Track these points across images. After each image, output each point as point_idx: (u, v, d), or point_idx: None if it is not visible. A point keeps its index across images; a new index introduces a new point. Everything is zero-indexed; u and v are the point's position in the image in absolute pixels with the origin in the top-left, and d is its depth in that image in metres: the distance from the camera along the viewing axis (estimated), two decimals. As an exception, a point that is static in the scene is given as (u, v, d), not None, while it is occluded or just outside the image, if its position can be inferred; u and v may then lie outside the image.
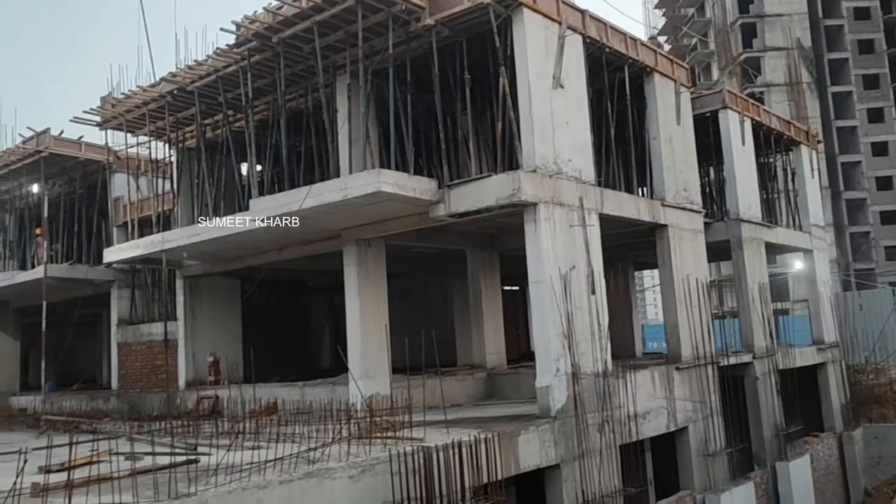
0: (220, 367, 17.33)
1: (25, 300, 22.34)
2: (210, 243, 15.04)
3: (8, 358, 23.73)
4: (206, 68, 14.60)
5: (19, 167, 20.42)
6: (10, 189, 22.12)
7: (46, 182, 20.89)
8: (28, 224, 22.35)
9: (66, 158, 20.41)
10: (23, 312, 23.80)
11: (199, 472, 6.92)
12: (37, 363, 23.82)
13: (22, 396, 21.75)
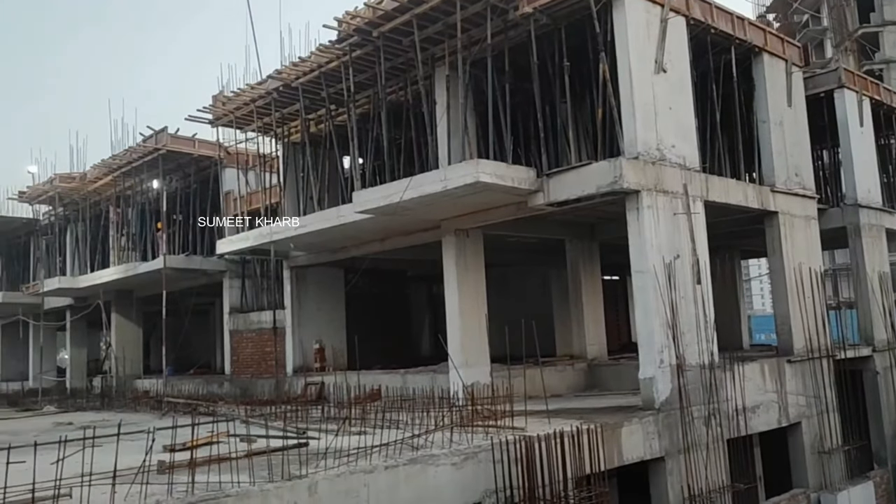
0: (325, 354, 17.89)
1: (146, 289, 23.78)
2: (315, 234, 15.55)
3: (132, 343, 25.33)
4: (310, 65, 15.05)
5: (140, 164, 21.71)
6: (132, 185, 23.54)
7: (164, 178, 22.11)
8: (149, 218, 23.70)
9: (181, 155, 21.54)
10: (144, 301, 25.34)
11: (309, 455, 7.20)
12: (157, 349, 25.39)
13: (145, 379, 23.17)
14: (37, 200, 27.78)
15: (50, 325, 28.75)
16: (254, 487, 6.20)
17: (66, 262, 27.48)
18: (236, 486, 6.18)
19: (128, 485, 6.00)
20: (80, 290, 25.07)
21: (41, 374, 28.01)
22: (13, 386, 27.10)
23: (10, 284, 31.49)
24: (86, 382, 26.10)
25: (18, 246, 32.30)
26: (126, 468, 6.16)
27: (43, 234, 29.59)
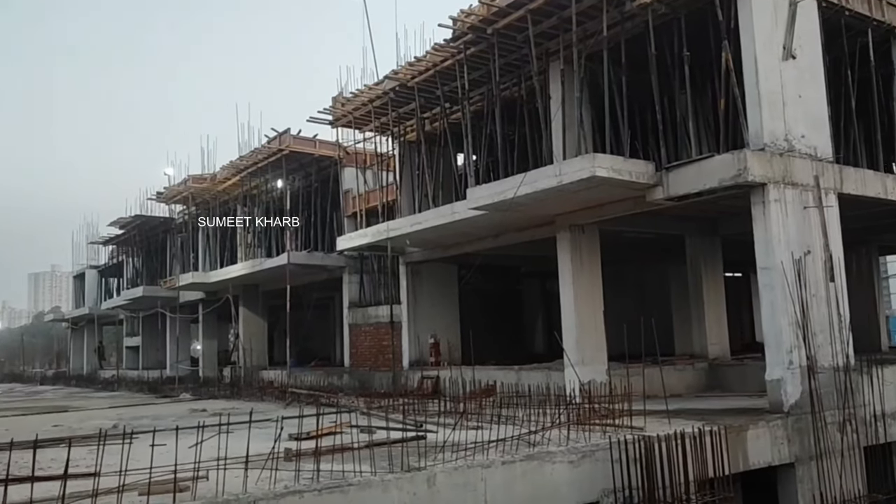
0: (440, 349, 18.15)
1: (271, 284, 24.92)
2: (430, 231, 15.79)
3: (258, 336, 26.64)
4: (425, 64, 15.29)
5: (265, 165, 22.77)
6: (258, 184, 24.73)
7: (287, 177, 23.10)
8: (273, 216, 24.82)
9: (303, 155, 22.43)
10: (269, 295, 26.57)
11: (427, 447, 7.35)
12: (280, 341, 26.52)
13: (270, 371, 24.29)
14: (172, 200, 29.72)
15: (185, 317, 30.68)
16: (375, 477, 6.39)
17: (199, 258, 29.23)
18: (358, 476, 6.39)
19: (258, 470, 6.32)
20: (210, 284, 26.60)
21: (177, 363, 29.96)
22: (153, 374, 29.07)
23: (149, 279, 33.82)
24: (217, 372, 27.67)
25: (156, 243, 34.63)
26: (256, 454, 6.49)
27: (178, 231, 31.59)
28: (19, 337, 74.67)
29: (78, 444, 6.14)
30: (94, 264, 43.88)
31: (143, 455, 6.11)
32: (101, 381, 31.83)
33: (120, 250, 39.51)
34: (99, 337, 43.21)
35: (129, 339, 39.89)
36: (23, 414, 16.81)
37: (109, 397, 22.34)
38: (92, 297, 42.99)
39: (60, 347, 55.25)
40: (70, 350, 48.40)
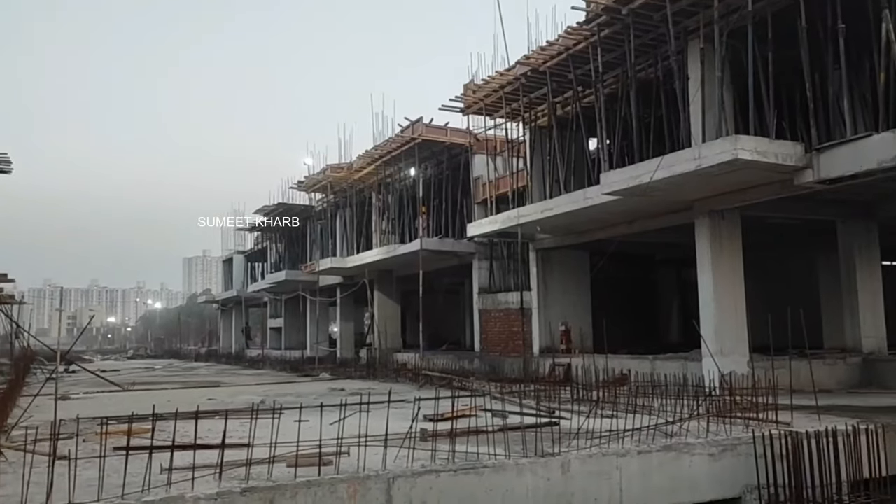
0: (570, 337, 17.99)
1: (404, 270, 25.56)
2: (561, 217, 15.65)
3: (392, 319, 27.43)
4: (557, 48, 15.12)
5: (399, 153, 23.33)
6: (391, 173, 25.39)
7: (420, 165, 23.56)
8: (406, 203, 25.42)
9: (434, 143, 22.79)
10: (402, 280, 27.28)
11: (561, 434, 7.35)
12: (413, 325, 27.19)
13: (403, 353, 24.98)
14: (312, 189, 31.07)
15: (324, 300, 32.05)
16: (509, 461, 6.47)
17: (336, 244, 30.44)
18: (493, 458, 6.49)
19: (396, 448, 6.55)
20: (347, 269, 27.65)
21: (317, 344, 31.38)
22: (295, 354, 30.62)
23: (291, 264, 35.59)
24: (353, 353, 28.77)
25: (297, 230, 36.34)
26: (393, 433, 6.73)
27: (317, 219, 33.01)
28: (176, 316, 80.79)
29: (232, 417, 6.60)
30: (241, 250, 46.71)
31: (289, 429, 6.49)
32: (247, 360, 33.91)
33: (264, 237, 41.81)
34: (245, 318, 45.98)
35: (273, 321, 42.18)
36: (181, 387, 18.23)
37: (255, 375, 23.76)
38: (239, 281, 45.80)
39: (211, 327, 59.28)
40: (220, 329, 51.84)
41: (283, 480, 5.75)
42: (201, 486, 5.55)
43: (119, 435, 7.18)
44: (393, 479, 5.96)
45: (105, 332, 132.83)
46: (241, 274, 46.08)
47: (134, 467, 5.71)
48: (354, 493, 5.80)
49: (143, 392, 16.59)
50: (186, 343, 66.36)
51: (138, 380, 21.22)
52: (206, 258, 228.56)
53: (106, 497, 5.22)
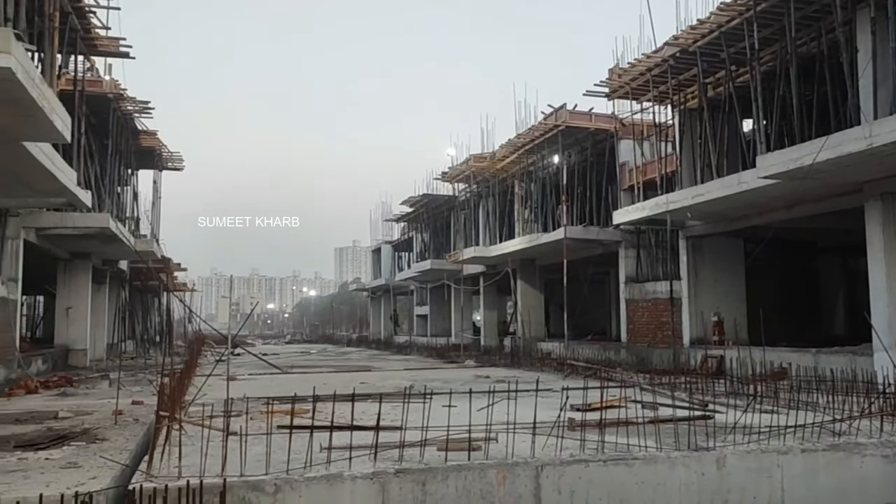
0: (723, 328, 17.22)
1: (547, 258, 25.43)
2: (714, 203, 14.98)
3: (535, 308, 27.38)
4: (709, 26, 14.45)
5: (541, 141, 23.19)
6: (534, 161, 25.29)
7: (563, 153, 23.30)
8: (549, 192, 25.25)
9: (578, 130, 22.45)
10: (545, 269, 27.16)
11: (715, 428, 7.07)
12: (556, 314, 27.04)
13: (547, 342, 24.89)
14: (455, 179, 31.54)
15: (467, 289, 32.51)
16: (661, 454, 6.30)
17: (480, 234, 30.75)
18: (643, 451, 6.36)
19: (544, 437, 6.56)
20: (490, 258, 27.88)
21: (461, 331, 31.91)
22: (440, 341, 31.31)
23: (435, 253, 36.36)
24: (497, 341, 28.99)
25: (442, 220, 37.06)
26: (540, 422, 6.74)
27: (461, 208, 33.48)
28: (329, 304, 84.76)
29: (385, 401, 6.86)
30: (389, 240, 48.26)
31: (438, 414, 6.65)
32: (395, 346, 35.05)
33: (410, 227, 42.97)
34: (393, 305, 47.50)
35: (419, 308, 43.31)
36: (335, 371, 19.14)
37: (403, 360, 24.52)
38: (387, 270, 47.37)
39: (362, 314, 61.70)
40: (370, 316, 53.88)
41: (434, 463, 5.92)
42: (358, 465, 5.83)
43: (282, 414, 7.67)
44: (542, 467, 5.98)
45: (265, 318, 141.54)
46: (389, 263, 47.61)
47: (296, 445, 6.07)
48: (503, 478, 5.88)
49: (301, 375, 17.57)
50: (339, 329, 69.45)
51: (296, 363, 22.49)
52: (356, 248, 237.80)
53: (273, 471, 5.59)
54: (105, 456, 6.28)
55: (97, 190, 19.19)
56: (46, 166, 10.33)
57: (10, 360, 14.91)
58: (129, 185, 25.44)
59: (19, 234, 15.44)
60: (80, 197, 13.36)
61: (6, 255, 14.79)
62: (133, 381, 14.89)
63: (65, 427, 8.10)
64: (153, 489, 5.03)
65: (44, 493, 4.76)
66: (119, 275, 26.46)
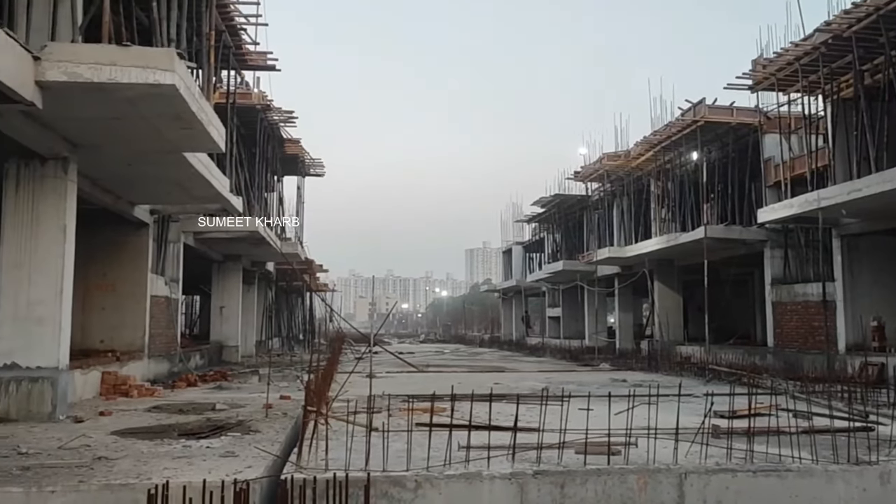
0: (884, 333, 15.94)
1: (686, 259, 24.53)
2: (872, 199, 13.93)
3: (673, 311, 26.47)
4: (865, 9, 13.49)
5: (679, 137, 22.41)
6: (671, 158, 24.48)
7: (702, 149, 22.41)
8: (688, 190, 24.33)
9: (718, 125, 21.52)
10: (684, 270, 26.20)
11: (878, 440, 6.56)
12: (696, 317, 26.01)
13: (686, 346, 23.99)
14: (588, 179, 31.08)
15: (601, 290, 31.93)
16: (817, 466, 5.93)
17: (614, 234, 30.12)
18: (797, 462, 6.01)
19: (687, 443, 6.34)
20: (625, 259, 27.23)
21: (595, 334, 31.37)
22: (573, 343, 30.91)
23: (567, 254, 35.95)
24: (633, 344, 28.26)
25: (574, 220, 36.62)
26: (682, 428, 6.51)
27: (594, 208, 32.94)
28: (461, 304, 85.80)
29: (522, 402, 6.87)
30: (519, 241, 48.22)
31: (575, 416, 6.58)
32: (528, 347, 34.94)
33: (541, 227, 42.74)
34: (524, 307, 47.40)
35: (551, 310, 42.98)
36: (468, 371, 19.36)
37: (536, 362, 24.41)
38: (518, 271, 47.34)
39: (493, 315, 61.96)
40: (501, 317, 54.04)
41: (572, 466, 5.87)
42: (496, 465, 5.87)
43: (420, 412, 7.85)
44: (685, 475, 5.79)
45: (399, 317, 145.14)
46: (520, 264, 47.56)
47: (435, 442, 6.20)
48: (644, 484, 5.74)
49: (436, 374, 17.90)
50: (470, 329, 70.12)
51: (431, 362, 22.93)
52: (486, 249, 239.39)
53: (413, 468, 5.73)
54: (258, 447, 6.68)
55: (247, 196, 20.40)
56: (204, 175, 11.10)
57: (172, 354, 16.14)
58: (275, 191, 26.88)
59: (179, 238, 16.69)
60: (233, 203, 14.25)
61: (168, 258, 16.03)
62: (280, 376, 15.72)
63: (221, 418, 8.68)
64: (303, 480, 5.30)
65: (206, 479, 5.13)
66: (266, 276, 28.02)
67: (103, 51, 7.15)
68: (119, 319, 13.62)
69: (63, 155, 8.84)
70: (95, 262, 13.24)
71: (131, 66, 6.96)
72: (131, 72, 6.96)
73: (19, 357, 8.53)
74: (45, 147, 8.60)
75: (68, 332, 9.03)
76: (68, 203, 8.93)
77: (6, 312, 8.60)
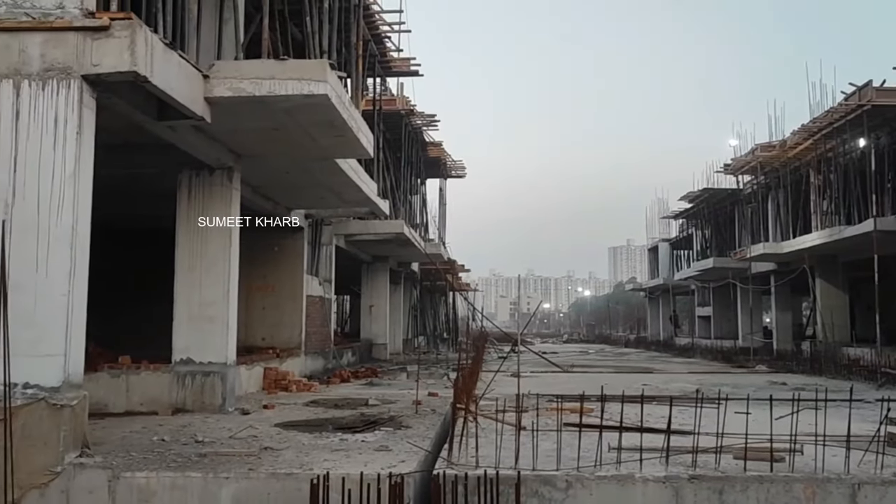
0: None
1: (851, 254, 22.78)
2: None
3: (838, 309, 24.62)
4: None
5: (842, 124, 20.84)
6: (832, 147, 22.79)
7: (869, 135, 20.71)
8: (853, 180, 22.56)
9: (888, 108, 19.82)
10: (849, 266, 24.33)
11: None
12: (865, 316, 24.09)
13: (854, 348, 22.25)
14: (739, 171, 29.56)
15: (756, 288, 30.24)
16: None
17: (769, 229, 28.45)
18: None
19: (859, 451, 5.91)
20: (782, 255, 25.65)
21: (750, 334, 29.76)
22: (725, 344, 29.50)
23: (717, 250, 34.36)
24: (792, 346, 26.57)
25: (724, 215, 34.93)
26: (854, 435, 6.06)
27: (746, 202, 31.27)
28: (604, 303, 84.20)
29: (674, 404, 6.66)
30: (666, 237, 46.61)
31: (731, 420, 6.29)
32: (676, 348, 33.72)
33: (689, 223, 41.09)
34: (672, 306, 45.78)
35: (701, 309, 41.25)
36: (615, 372, 18.97)
37: (686, 363, 23.51)
38: (664, 269, 45.78)
39: (639, 314, 60.32)
40: (647, 316, 52.49)
41: (731, 472, 5.62)
42: (649, 468, 5.73)
43: (567, 412, 7.78)
44: (859, 486, 5.40)
45: (541, 317, 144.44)
46: (667, 262, 45.98)
47: (584, 443, 6.13)
48: (812, 494, 5.40)
49: (581, 374, 17.67)
50: (615, 329, 68.62)
51: (575, 362, 22.67)
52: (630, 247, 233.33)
53: (563, 468, 5.70)
54: (411, 442, 6.88)
55: (392, 199, 21.05)
56: (354, 180, 11.59)
57: (326, 351, 16.95)
58: (419, 193, 27.54)
59: (332, 241, 17.49)
60: (381, 206, 14.77)
61: (322, 260, 16.84)
62: (427, 374, 16.09)
63: (374, 413, 9.01)
64: (454, 476, 5.41)
65: (363, 472, 5.35)
66: (411, 276, 28.78)
67: (263, 66, 7.64)
68: (278, 318, 14.46)
69: (228, 165, 9.52)
70: (256, 264, 14.13)
71: (288, 79, 7.40)
72: (288, 84, 7.39)
73: (194, 353, 9.26)
74: (212, 158, 9.29)
75: (234, 330, 9.70)
76: (233, 210, 9.59)
77: (182, 312, 9.37)
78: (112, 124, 7.06)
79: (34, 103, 5.94)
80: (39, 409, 5.65)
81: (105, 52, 5.98)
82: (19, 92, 5.95)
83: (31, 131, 5.92)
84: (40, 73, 5.96)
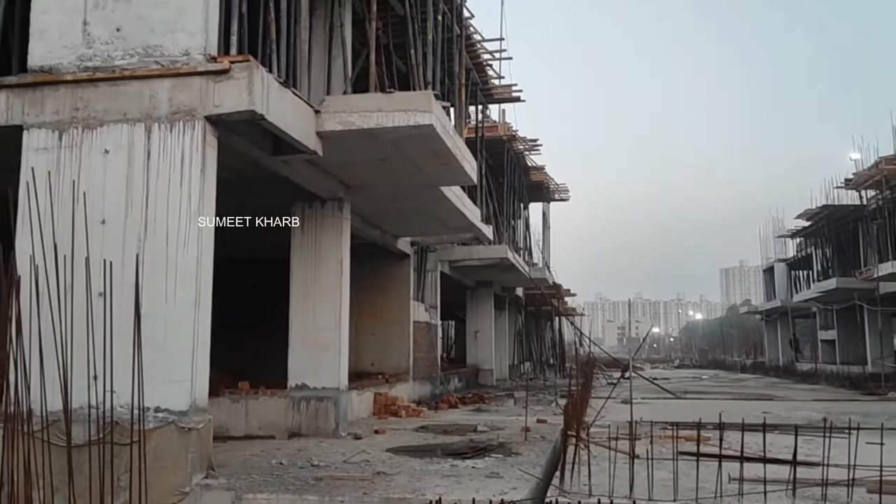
0: None
1: None
2: None
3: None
4: None
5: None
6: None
7: None
8: None
9: None
10: None
11: None
12: None
13: None
14: (862, 186, 27.89)
15: (885, 310, 28.31)
16: None
17: (898, 246, 26.64)
18: None
19: None
20: (915, 274, 23.93)
21: (880, 359, 27.82)
22: (852, 370, 27.71)
23: (840, 270, 32.41)
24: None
25: (847, 232, 32.95)
26: None
27: (871, 218, 29.42)
28: (717, 327, 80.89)
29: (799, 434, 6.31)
30: (782, 257, 44.41)
31: (863, 451, 5.90)
32: (798, 374, 31.96)
33: (808, 242, 39.01)
34: (792, 329, 43.45)
35: (824, 332, 38.94)
36: (731, 398, 18.17)
37: (809, 390, 22.26)
38: (781, 290, 43.56)
39: (755, 338, 57.56)
40: (765, 341, 50.00)
41: (866, 507, 5.27)
42: (774, 501, 5.46)
43: (683, 440, 7.51)
44: None
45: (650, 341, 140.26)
46: (784, 283, 43.72)
47: (702, 473, 5.89)
48: (960, 534, 4.97)
49: (695, 401, 17.02)
50: (729, 354, 65.71)
51: (688, 388, 21.87)
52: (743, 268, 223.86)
53: (681, 498, 5.50)
54: (521, 469, 6.83)
55: (496, 224, 21.12)
56: (458, 206, 11.72)
57: (434, 377, 17.10)
58: (522, 218, 27.51)
59: (437, 267, 17.71)
60: (484, 231, 14.85)
61: (427, 286, 17.06)
62: (534, 400, 15.93)
63: (483, 440, 9.00)
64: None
65: (475, 498, 5.35)
66: (516, 301, 28.66)
67: (370, 99, 7.89)
68: (386, 344, 14.73)
69: (339, 196, 9.85)
70: (365, 291, 14.48)
71: (394, 111, 7.61)
72: (394, 116, 7.61)
73: (308, 379, 9.56)
74: (324, 189, 9.64)
75: (346, 356, 9.95)
76: (344, 239, 9.90)
77: (297, 339, 9.71)
78: (231, 161, 7.46)
79: (163, 144, 6.36)
80: (169, 431, 5.97)
81: (225, 94, 6.34)
82: (150, 134, 6.38)
83: (160, 171, 6.33)
84: (168, 116, 6.38)
